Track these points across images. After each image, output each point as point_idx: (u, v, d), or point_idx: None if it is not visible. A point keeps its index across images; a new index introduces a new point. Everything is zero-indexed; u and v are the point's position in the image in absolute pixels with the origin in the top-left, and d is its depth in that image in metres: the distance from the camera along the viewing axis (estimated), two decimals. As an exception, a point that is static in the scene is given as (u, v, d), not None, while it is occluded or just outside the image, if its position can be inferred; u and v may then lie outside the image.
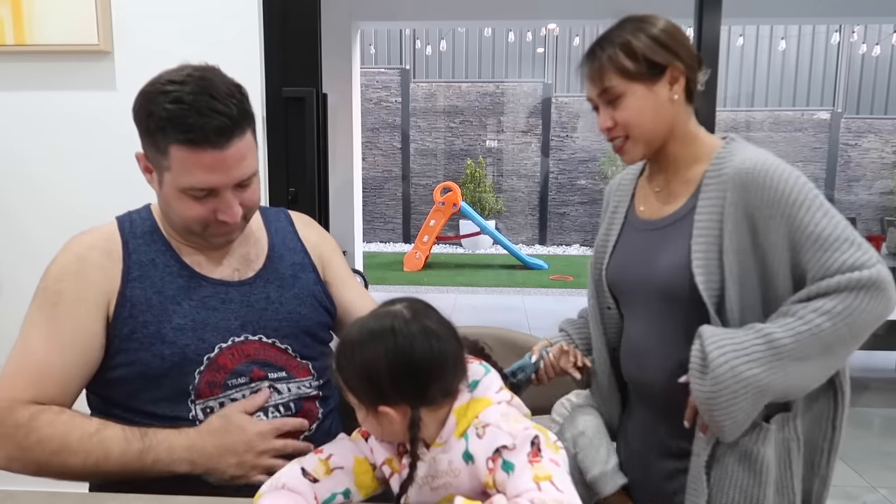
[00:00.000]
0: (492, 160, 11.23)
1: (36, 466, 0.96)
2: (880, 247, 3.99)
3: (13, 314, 1.95)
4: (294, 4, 1.83)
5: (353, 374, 0.81)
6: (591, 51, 1.08)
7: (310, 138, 1.85)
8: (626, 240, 1.17)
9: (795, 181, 0.97)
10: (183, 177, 0.98)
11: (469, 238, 9.81)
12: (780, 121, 11.11)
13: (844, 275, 0.92)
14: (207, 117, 0.94)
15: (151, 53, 1.84)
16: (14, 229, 1.93)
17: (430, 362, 0.79)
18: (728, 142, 1.08)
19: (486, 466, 0.77)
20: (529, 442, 0.76)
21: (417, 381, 0.79)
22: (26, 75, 1.86)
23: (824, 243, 0.94)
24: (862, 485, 2.64)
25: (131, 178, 1.88)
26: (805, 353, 0.93)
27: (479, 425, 0.79)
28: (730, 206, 1.00)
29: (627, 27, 1.05)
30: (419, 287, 7.36)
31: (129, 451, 0.96)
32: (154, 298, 1.03)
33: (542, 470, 0.73)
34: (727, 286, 0.99)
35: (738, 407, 0.94)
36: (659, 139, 1.08)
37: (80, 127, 1.88)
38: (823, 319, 0.92)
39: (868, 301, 0.92)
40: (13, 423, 0.95)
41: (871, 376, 4.08)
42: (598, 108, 1.09)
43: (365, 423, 0.85)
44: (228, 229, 1.05)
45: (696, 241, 1.02)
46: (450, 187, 8.35)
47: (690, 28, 1.96)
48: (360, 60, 5.87)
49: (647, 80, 1.04)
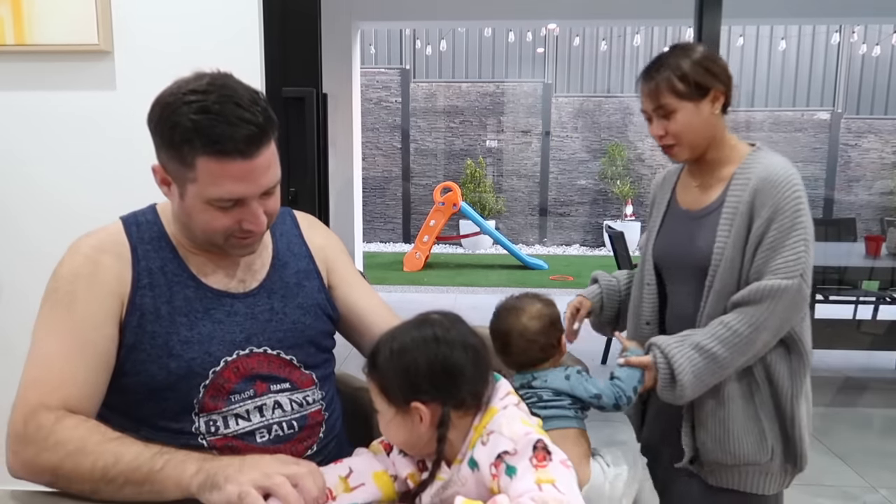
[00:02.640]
0: (492, 160, 11.22)
1: (50, 472, 0.91)
2: (880, 247, 3.98)
3: (13, 314, 1.96)
4: (294, 4, 1.84)
5: (391, 372, 0.84)
6: (648, 73, 1.32)
7: (310, 138, 1.85)
8: (668, 225, 1.43)
9: (796, 198, 1.24)
10: (211, 188, 0.95)
11: (469, 238, 9.81)
12: (780, 121, 11.11)
13: (769, 282, 1.22)
14: (236, 126, 0.91)
15: (151, 53, 1.84)
16: (13, 229, 1.93)
17: (465, 366, 0.83)
18: (755, 150, 1.34)
19: (489, 472, 0.79)
20: (532, 446, 0.77)
21: (452, 380, 0.83)
22: (26, 75, 1.87)
23: (775, 250, 1.23)
24: (862, 485, 2.64)
25: (131, 179, 1.88)
26: (743, 352, 1.24)
27: (485, 433, 0.82)
28: (745, 205, 1.26)
29: (679, 54, 1.30)
30: (419, 287, 7.36)
31: (141, 455, 0.89)
32: (163, 308, 1.01)
33: (545, 474, 0.74)
34: (721, 270, 1.28)
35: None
36: (702, 146, 1.33)
37: (79, 127, 1.88)
38: (749, 331, 1.22)
39: (784, 307, 1.23)
40: (36, 425, 0.92)
41: (871, 376, 4.08)
42: (652, 119, 1.33)
43: (389, 427, 0.86)
44: (252, 240, 1.03)
45: (721, 230, 1.28)
46: (450, 187, 8.35)
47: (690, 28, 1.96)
48: (360, 60, 5.87)
49: (694, 99, 1.29)
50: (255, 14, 1.83)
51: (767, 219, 1.23)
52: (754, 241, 1.25)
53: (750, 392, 1.30)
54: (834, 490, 2.60)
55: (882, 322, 4.48)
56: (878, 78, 11.43)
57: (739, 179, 1.29)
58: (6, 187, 1.91)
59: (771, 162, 1.28)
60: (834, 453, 2.93)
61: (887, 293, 4.80)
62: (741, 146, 1.35)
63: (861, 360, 4.30)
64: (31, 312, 1.01)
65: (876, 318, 4.73)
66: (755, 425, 1.30)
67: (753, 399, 1.30)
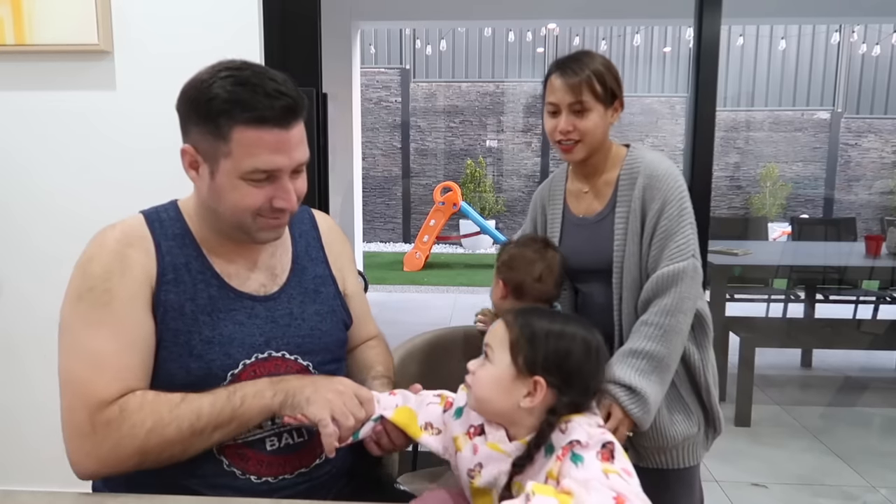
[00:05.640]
0: (492, 160, 11.23)
1: (137, 454, 0.93)
2: (880, 247, 3.97)
3: (13, 314, 1.96)
4: (294, 4, 1.83)
5: (539, 343, 0.88)
6: (570, 69, 1.36)
7: (310, 138, 1.85)
8: (568, 234, 1.50)
9: (680, 189, 1.36)
10: (246, 159, 0.95)
11: (469, 238, 9.81)
12: (780, 121, 11.11)
13: (666, 269, 1.33)
14: (273, 98, 0.93)
15: (151, 53, 1.84)
16: (13, 229, 1.93)
17: (596, 378, 0.90)
18: (631, 149, 1.44)
19: (555, 456, 0.82)
20: (601, 444, 0.80)
21: (583, 384, 0.88)
22: (26, 75, 1.86)
23: (667, 237, 1.34)
24: (862, 485, 2.64)
25: (131, 178, 1.89)
26: (672, 339, 1.32)
27: (564, 422, 0.85)
28: (636, 202, 1.38)
29: (596, 58, 1.37)
30: (419, 287, 7.36)
31: (217, 401, 0.95)
32: (186, 306, 1.00)
33: (610, 466, 0.77)
34: (626, 264, 1.38)
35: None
36: (596, 149, 1.41)
37: (79, 127, 1.88)
38: (668, 319, 1.32)
39: (687, 287, 1.33)
40: (104, 420, 0.92)
41: (871, 376, 4.08)
42: (559, 113, 1.38)
43: (486, 377, 0.89)
44: (281, 221, 1.02)
45: (617, 230, 1.39)
46: (450, 187, 8.35)
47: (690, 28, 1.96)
48: (360, 60, 5.87)
49: (605, 104, 1.37)
50: (255, 14, 1.83)
51: (658, 210, 1.35)
52: (649, 231, 1.36)
53: None
54: (834, 490, 2.60)
55: (882, 322, 4.47)
56: (878, 78, 11.43)
57: (626, 181, 1.41)
58: (6, 187, 1.91)
59: (651, 159, 1.40)
60: (834, 453, 2.93)
61: (887, 293, 4.80)
62: (618, 148, 1.46)
63: (861, 360, 4.30)
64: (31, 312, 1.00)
65: (876, 317, 4.73)
66: (681, 403, 1.42)
67: (673, 378, 1.38)
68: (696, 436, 1.43)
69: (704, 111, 2.00)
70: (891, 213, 10.51)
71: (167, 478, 0.98)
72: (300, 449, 1.05)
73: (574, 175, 1.52)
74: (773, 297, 4.86)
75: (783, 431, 3.19)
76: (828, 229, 5.20)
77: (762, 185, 10.97)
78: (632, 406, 1.29)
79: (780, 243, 6.19)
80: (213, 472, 1.00)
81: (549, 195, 1.56)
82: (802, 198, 11.15)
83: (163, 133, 1.79)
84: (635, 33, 10.69)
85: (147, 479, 0.97)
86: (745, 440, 3.06)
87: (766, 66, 11.52)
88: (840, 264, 4.03)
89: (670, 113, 11.18)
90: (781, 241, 7.50)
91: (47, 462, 1.57)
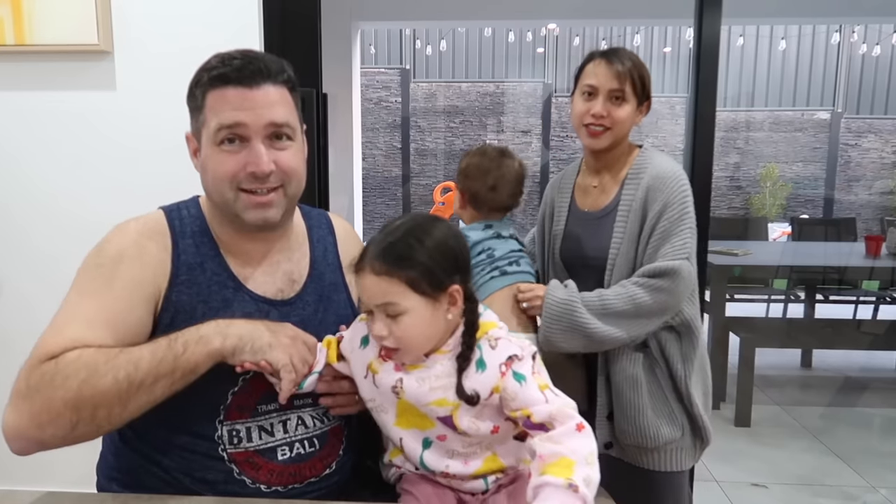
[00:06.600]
0: (492, 160, 11.21)
1: (69, 408, 0.86)
2: (880, 247, 3.97)
3: (13, 314, 1.96)
4: (294, 4, 1.83)
5: (429, 259, 0.89)
6: (616, 57, 1.40)
7: (310, 138, 1.85)
8: (572, 228, 1.53)
9: (683, 193, 1.37)
10: (212, 119, 0.97)
11: (469, 238, 9.80)
12: (780, 121, 11.10)
13: (660, 263, 1.33)
14: (240, 60, 0.97)
15: (151, 53, 1.84)
16: (13, 229, 1.93)
17: (463, 246, 0.96)
18: (642, 150, 1.48)
19: (498, 371, 0.90)
20: (531, 356, 0.92)
21: (467, 258, 0.96)
22: (26, 75, 1.86)
23: (664, 238, 1.35)
24: (862, 485, 2.64)
25: (131, 179, 1.89)
26: (622, 312, 1.33)
27: (492, 338, 0.93)
28: (638, 202, 1.39)
29: (635, 58, 1.42)
30: (419, 287, 7.35)
31: (157, 350, 0.90)
32: (199, 308, 0.99)
33: (541, 379, 0.90)
34: (618, 262, 1.40)
35: (561, 323, 1.36)
36: (620, 141, 1.45)
37: (79, 127, 1.88)
38: (641, 291, 1.33)
39: (675, 284, 1.33)
40: (38, 375, 0.88)
41: (871, 376, 4.08)
42: (596, 96, 1.40)
43: (411, 325, 0.90)
44: (262, 198, 0.99)
45: (617, 227, 1.41)
46: (450, 187, 8.34)
47: (690, 28, 1.96)
48: (360, 60, 5.87)
49: (639, 100, 1.42)
50: (255, 14, 1.83)
51: (658, 212, 1.36)
52: (647, 232, 1.37)
53: (652, 370, 1.42)
54: (834, 490, 2.60)
55: (882, 322, 4.47)
56: (878, 78, 11.42)
57: (632, 180, 1.43)
58: (6, 187, 1.91)
59: (660, 162, 1.42)
60: (834, 453, 2.93)
61: (887, 293, 4.80)
62: (631, 148, 1.49)
63: (861, 360, 4.30)
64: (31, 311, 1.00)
65: (876, 318, 4.74)
66: (666, 408, 1.43)
67: (657, 377, 1.42)
68: (680, 440, 1.43)
69: (704, 111, 2.00)
70: (891, 213, 10.50)
71: (175, 484, 0.98)
72: (311, 458, 1.05)
73: (586, 169, 1.55)
74: (773, 298, 4.86)
75: (783, 432, 3.19)
76: (828, 229, 5.20)
77: (762, 185, 10.95)
78: (555, 288, 1.38)
79: (780, 243, 6.19)
80: (224, 480, 0.99)
81: (559, 188, 1.59)
82: (802, 198, 11.13)
83: (163, 133, 1.80)
84: (635, 33, 10.68)
85: (154, 484, 0.97)
86: (745, 440, 3.06)
87: (766, 67, 11.51)
88: (840, 264, 4.03)
89: (670, 113, 11.17)
90: (781, 241, 7.50)
91: (47, 462, 1.57)
